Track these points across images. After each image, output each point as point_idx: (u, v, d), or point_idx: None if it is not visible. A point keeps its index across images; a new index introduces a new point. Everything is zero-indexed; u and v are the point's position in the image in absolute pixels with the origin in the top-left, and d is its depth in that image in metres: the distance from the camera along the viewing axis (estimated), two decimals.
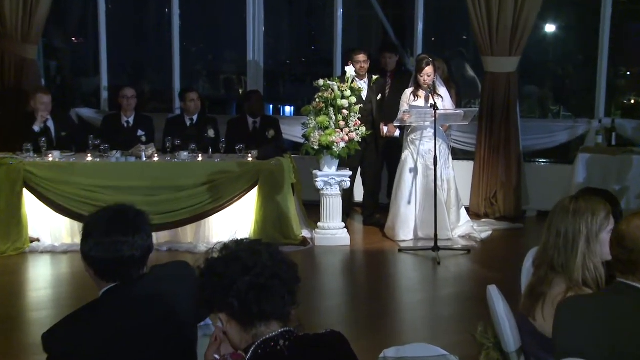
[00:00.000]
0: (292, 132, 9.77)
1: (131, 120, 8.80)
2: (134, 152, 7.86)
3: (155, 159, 8.03)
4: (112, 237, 2.73)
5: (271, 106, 12.20)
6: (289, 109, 12.64)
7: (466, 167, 9.63)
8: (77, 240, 2.83)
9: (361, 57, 8.55)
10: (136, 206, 2.90)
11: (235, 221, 7.97)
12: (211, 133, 8.84)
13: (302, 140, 8.16)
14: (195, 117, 8.94)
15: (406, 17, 11.19)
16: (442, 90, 8.21)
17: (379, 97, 8.74)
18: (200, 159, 8.07)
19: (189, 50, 12.16)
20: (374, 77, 8.55)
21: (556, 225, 3.15)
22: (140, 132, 8.75)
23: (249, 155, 8.09)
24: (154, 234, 2.94)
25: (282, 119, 9.89)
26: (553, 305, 2.97)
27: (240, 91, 12.22)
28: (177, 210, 7.92)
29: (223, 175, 7.86)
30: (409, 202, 8.21)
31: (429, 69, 8.03)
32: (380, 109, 8.73)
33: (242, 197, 7.93)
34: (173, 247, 7.93)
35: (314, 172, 8.02)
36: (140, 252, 2.78)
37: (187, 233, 8.10)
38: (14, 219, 7.69)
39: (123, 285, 2.78)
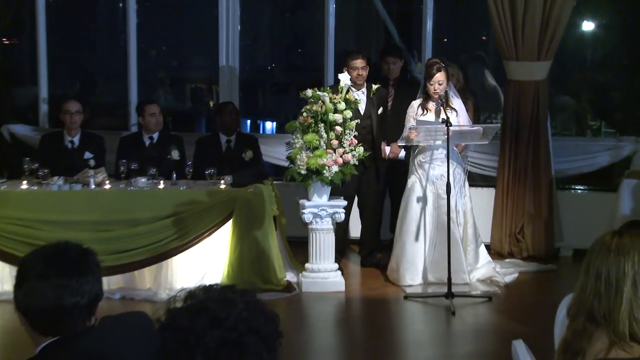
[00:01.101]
0: (274, 153, 9.90)
1: (76, 139, 8.91)
2: (80, 178, 8.00)
3: (107, 186, 8.12)
4: (51, 280, 2.72)
5: (249, 122, 12.30)
6: (270, 125, 12.70)
7: (486, 196, 9.76)
8: (9, 287, 2.82)
9: (358, 62, 8.68)
10: (82, 244, 2.87)
11: (205, 262, 8.07)
12: (175, 155, 8.93)
13: (286, 164, 8.26)
14: (155, 136, 9.05)
15: (413, 13, 11.30)
16: (457, 102, 8.39)
17: (380, 110, 8.89)
18: (161, 186, 8.17)
19: (149, 54, 12.23)
20: (374, 86, 8.67)
21: (596, 267, 3.13)
22: (87, 155, 8.82)
23: (222, 181, 8.22)
24: (104, 279, 2.92)
25: (261, 137, 9.97)
26: None
27: (211, 104, 12.32)
28: (133, 249, 7.97)
29: (190, 207, 7.97)
30: (417, 239, 8.36)
31: (440, 76, 8.21)
32: (382, 125, 8.87)
33: (213, 232, 8.03)
34: (128, 294, 7.97)
35: (301, 202, 8.15)
36: (86, 299, 2.77)
37: (145, 277, 8.14)
38: None
39: (65, 340, 2.76)
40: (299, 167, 7.88)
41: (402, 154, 8.91)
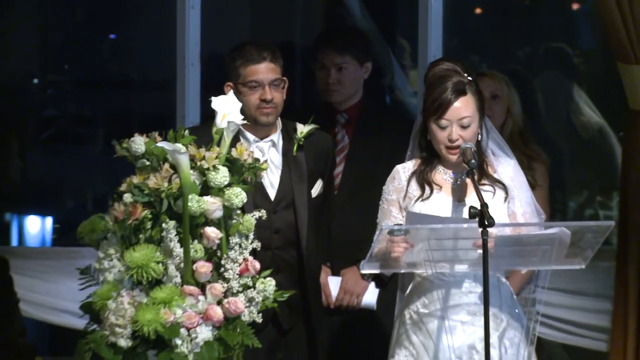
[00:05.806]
0: (50, 293, 7.45)
1: None
2: None
3: None
4: None
5: None
6: (37, 226, 9.91)
7: None
8: None
9: (262, 69, 6.24)
10: None
11: None
12: None
13: (79, 323, 6.10)
14: None
15: None
16: (506, 165, 6.19)
17: (318, 187, 6.79)
18: None
19: None
20: (303, 128, 6.32)
21: None
22: None
23: None
24: None
25: (15, 255, 7.63)
26: None
27: None
28: None
29: None
30: None
31: (464, 107, 5.80)
32: (322, 223, 6.89)
33: None
34: None
35: None
36: None
37: None
38: None
39: None
40: (114, 330, 5.73)
41: (372, 297, 6.65)
